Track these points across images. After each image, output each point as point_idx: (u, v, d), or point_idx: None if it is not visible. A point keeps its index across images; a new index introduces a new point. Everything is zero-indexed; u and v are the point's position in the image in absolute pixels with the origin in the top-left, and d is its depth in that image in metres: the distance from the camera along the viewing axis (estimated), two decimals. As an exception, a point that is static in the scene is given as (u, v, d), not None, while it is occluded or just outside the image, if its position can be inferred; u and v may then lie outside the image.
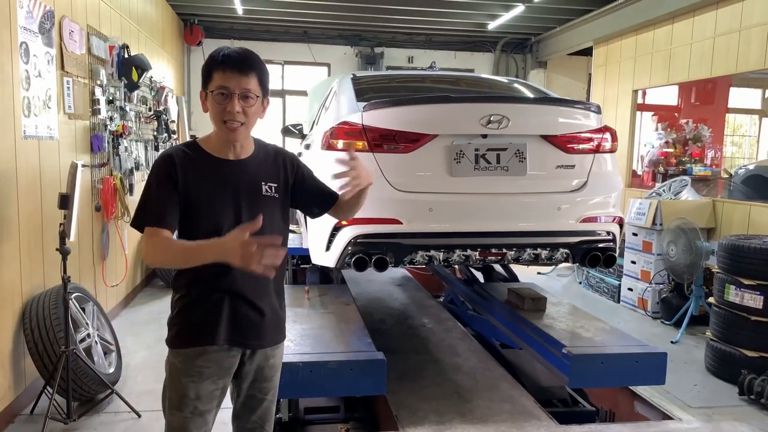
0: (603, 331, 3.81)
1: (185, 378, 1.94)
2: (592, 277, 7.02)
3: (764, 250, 4.15)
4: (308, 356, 3.19)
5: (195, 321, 1.94)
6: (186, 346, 1.94)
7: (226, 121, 1.87)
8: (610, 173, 3.54)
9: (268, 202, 1.99)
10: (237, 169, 1.97)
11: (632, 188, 7.32)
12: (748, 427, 3.54)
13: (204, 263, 1.77)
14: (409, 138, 3.23)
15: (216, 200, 1.91)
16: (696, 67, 6.15)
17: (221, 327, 1.94)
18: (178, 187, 1.88)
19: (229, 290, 1.93)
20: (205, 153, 1.96)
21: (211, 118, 1.92)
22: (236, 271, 1.85)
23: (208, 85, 1.89)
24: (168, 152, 1.96)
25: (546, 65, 10.01)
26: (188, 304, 1.94)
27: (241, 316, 1.97)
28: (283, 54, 9.77)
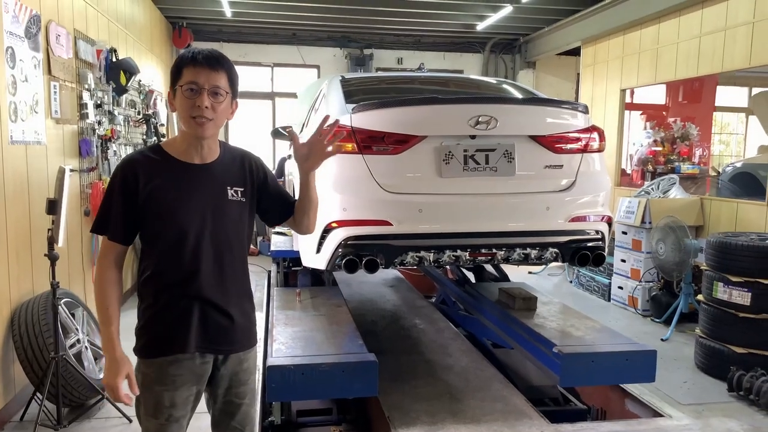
0: (593, 329, 3.83)
1: (159, 386, 1.94)
2: (583, 275, 7.05)
3: (751, 247, 4.19)
4: (300, 359, 3.19)
5: (164, 329, 1.93)
6: (157, 355, 1.94)
7: (195, 116, 1.85)
8: (598, 172, 3.56)
9: (234, 207, 1.98)
10: (203, 173, 1.95)
11: (621, 187, 7.36)
12: (738, 424, 3.57)
13: (101, 335, 1.90)
14: (398, 139, 3.24)
15: (181, 206, 1.89)
16: (683, 66, 6.20)
17: (191, 334, 1.93)
18: (139, 195, 1.86)
19: (197, 296, 1.93)
20: (169, 157, 1.93)
21: (178, 116, 1.91)
22: (203, 277, 1.91)
23: (177, 82, 1.88)
24: (129, 157, 1.94)
25: (535, 65, 10.05)
26: (157, 312, 1.93)
27: (211, 322, 1.96)
28: (272, 56, 9.76)
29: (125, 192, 1.86)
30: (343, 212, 3.18)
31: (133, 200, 1.86)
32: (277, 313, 4.13)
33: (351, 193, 3.22)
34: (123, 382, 1.87)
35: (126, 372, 1.88)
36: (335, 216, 3.20)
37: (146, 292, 1.95)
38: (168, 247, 1.89)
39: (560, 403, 4.10)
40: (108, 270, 1.90)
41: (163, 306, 1.92)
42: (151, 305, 1.94)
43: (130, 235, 1.92)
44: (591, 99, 7.95)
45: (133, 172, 1.87)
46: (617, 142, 7.42)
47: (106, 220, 1.89)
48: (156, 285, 1.92)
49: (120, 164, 1.92)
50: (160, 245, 1.89)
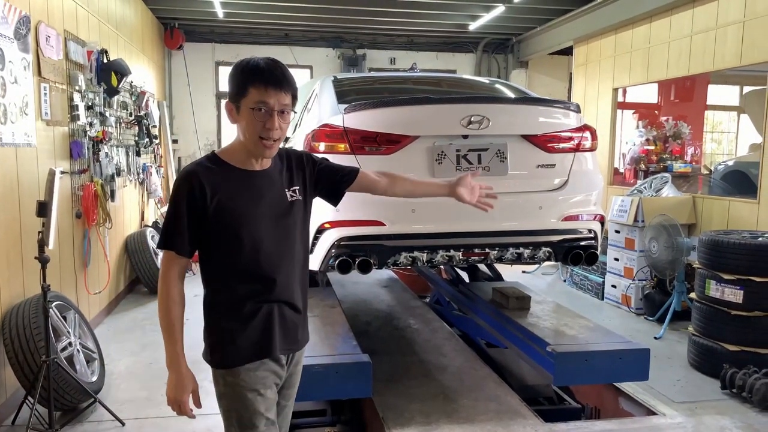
0: (587, 328, 3.84)
1: (251, 393, 1.92)
2: (576, 274, 7.07)
3: (743, 245, 4.21)
4: (293, 360, 3.18)
5: (251, 336, 1.92)
6: (246, 362, 1.92)
7: (263, 138, 1.84)
8: (590, 171, 3.57)
9: (295, 208, 2.00)
10: (264, 179, 1.95)
11: (614, 186, 7.38)
12: (731, 421, 3.58)
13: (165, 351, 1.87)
14: (391, 139, 3.24)
15: (252, 214, 1.89)
16: (674, 65, 6.22)
17: (276, 337, 1.95)
18: (208, 207, 1.84)
19: (277, 299, 1.95)
20: (229, 165, 1.91)
21: (242, 131, 1.87)
22: (280, 280, 1.93)
23: (243, 98, 1.83)
24: (191, 168, 1.89)
25: (527, 65, 10.07)
26: (240, 321, 1.91)
27: (289, 323, 1.99)
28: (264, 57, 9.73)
29: (192, 204, 1.83)
30: (335, 213, 3.16)
31: (200, 211, 1.84)
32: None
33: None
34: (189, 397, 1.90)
35: (192, 387, 1.90)
36: (328, 217, 3.19)
37: (221, 302, 1.93)
38: (245, 256, 1.88)
39: (554, 402, 4.11)
40: (174, 286, 1.87)
41: (246, 314, 1.91)
42: (231, 315, 1.91)
43: (194, 247, 1.90)
44: (583, 98, 7.97)
45: (199, 184, 1.83)
46: (610, 141, 7.44)
47: (174, 233, 1.85)
48: (234, 294, 1.91)
49: (182, 176, 1.87)
50: (235, 252, 1.88)
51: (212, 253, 1.91)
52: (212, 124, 9.76)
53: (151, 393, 4.00)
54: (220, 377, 1.93)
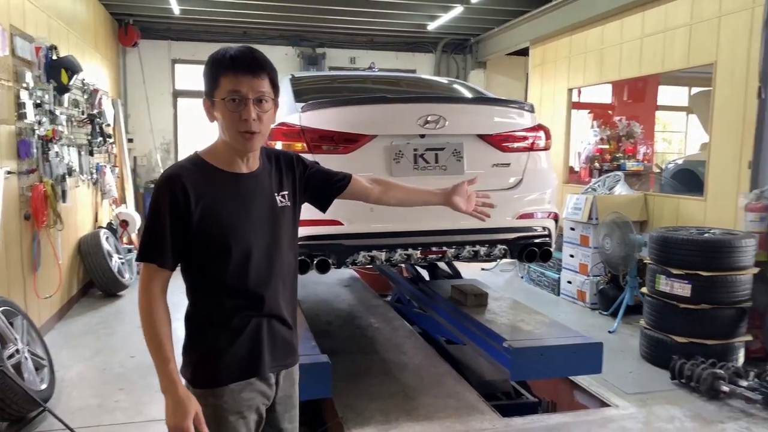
0: (542, 323, 3.92)
1: (234, 416, 1.77)
2: (533, 271, 7.20)
3: (691, 240, 4.36)
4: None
5: (237, 353, 1.76)
6: (232, 381, 1.76)
7: (242, 131, 1.69)
8: (544, 170, 3.64)
9: (285, 213, 1.86)
10: (252, 182, 1.80)
11: (570, 184, 7.54)
12: (680, 410, 3.71)
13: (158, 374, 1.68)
14: (348, 138, 3.24)
15: (241, 221, 1.74)
16: (626, 66, 6.39)
17: (265, 354, 1.80)
18: (192, 213, 1.68)
19: (266, 313, 1.81)
20: (215, 168, 1.76)
21: (222, 128, 1.73)
22: (270, 292, 1.80)
23: (215, 92, 1.71)
24: (172, 171, 1.72)
25: (485, 65, 10.19)
26: (225, 336, 1.76)
27: (278, 338, 1.85)
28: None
29: (174, 211, 1.67)
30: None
31: (184, 219, 1.68)
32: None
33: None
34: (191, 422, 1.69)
35: (194, 410, 1.69)
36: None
37: (205, 316, 1.78)
38: (233, 266, 1.73)
39: (512, 397, 4.19)
40: (158, 301, 1.69)
41: (233, 330, 1.76)
42: (217, 330, 1.76)
43: (178, 258, 1.73)
44: (540, 98, 8.12)
45: (182, 188, 1.68)
46: (565, 140, 7.60)
47: (155, 244, 1.69)
48: (221, 308, 1.76)
49: (162, 181, 1.71)
50: (222, 264, 1.73)
51: (196, 264, 1.75)
52: (169, 123, 9.57)
53: (104, 400, 3.91)
54: (201, 397, 1.74)
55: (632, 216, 5.74)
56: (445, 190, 2.16)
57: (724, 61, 4.99)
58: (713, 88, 5.17)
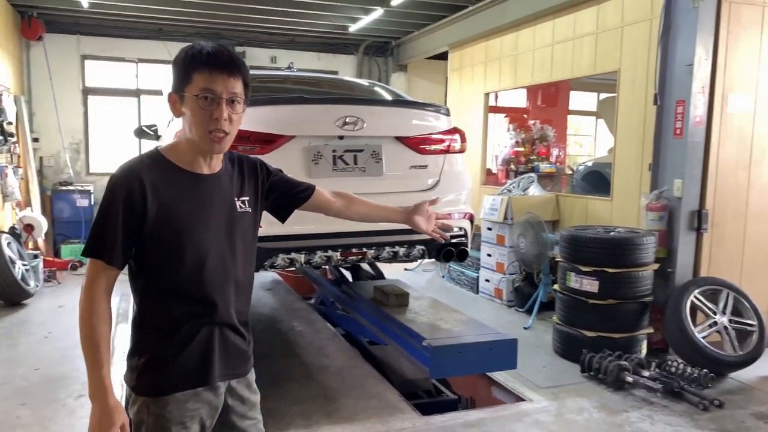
0: (460, 321, 4.01)
1: (176, 427, 1.68)
2: (454, 270, 7.36)
3: (598, 239, 4.59)
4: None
5: (186, 361, 1.69)
6: (178, 390, 1.68)
7: (212, 130, 1.63)
8: (460, 172, 3.74)
9: (244, 219, 1.80)
10: (213, 184, 1.74)
11: (488, 185, 7.77)
12: (589, 402, 3.90)
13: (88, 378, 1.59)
14: (265, 139, 3.20)
15: (197, 223, 1.68)
16: (539, 72, 6.66)
17: (215, 363, 1.73)
18: (148, 210, 1.61)
19: (218, 321, 1.73)
20: (175, 166, 1.69)
21: (188, 125, 1.66)
22: (223, 300, 1.73)
23: (186, 87, 1.63)
24: (130, 166, 1.66)
25: (407, 68, 10.33)
26: (173, 343, 1.68)
27: (231, 346, 1.78)
28: (136, 51, 9.21)
29: (129, 207, 1.60)
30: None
31: (138, 216, 1.61)
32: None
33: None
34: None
35: (121, 422, 1.61)
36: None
37: (154, 322, 1.69)
38: (186, 270, 1.66)
39: (433, 395, 4.26)
40: (100, 301, 1.60)
41: (182, 338, 1.68)
42: (165, 337, 1.68)
43: (128, 257, 1.65)
44: (458, 102, 8.32)
45: (140, 184, 1.61)
46: (482, 143, 7.82)
47: (104, 240, 1.60)
48: (170, 314, 1.68)
49: (119, 175, 1.64)
50: (174, 268, 1.65)
51: (147, 266, 1.67)
52: (79, 121, 9.07)
53: (4, 416, 3.65)
54: (144, 405, 1.68)
55: (545, 216, 5.99)
56: (407, 209, 2.17)
57: (626, 68, 5.30)
58: (617, 95, 5.48)
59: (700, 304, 4.46)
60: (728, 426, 3.57)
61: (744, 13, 4.63)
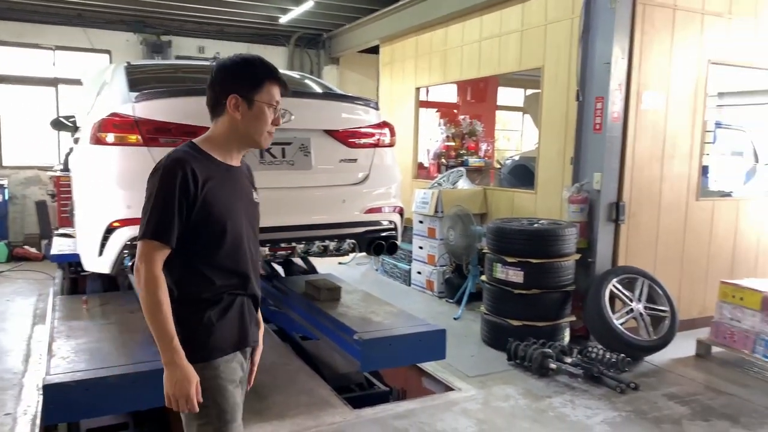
0: (391, 314, 4.05)
1: (231, 385, 1.91)
2: (387, 263, 7.41)
3: (522, 230, 4.74)
4: (82, 374, 2.93)
5: (230, 327, 1.92)
6: (224, 354, 1.90)
7: (270, 131, 1.94)
8: (390, 166, 3.76)
9: (257, 209, 2.07)
10: (239, 175, 2.00)
11: (419, 179, 7.84)
12: (514, 389, 4.02)
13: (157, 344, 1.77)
14: (188, 131, 3.09)
15: (234, 207, 1.92)
16: (467, 68, 6.78)
17: (249, 329, 1.99)
18: (198, 195, 1.81)
19: (249, 293, 1.99)
20: (212, 158, 1.90)
21: (247, 124, 1.89)
22: (252, 274, 1.98)
23: (256, 93, 1.88)
24: (180, 156, 1.83)
25: (339, 62, 10.28)
26: (219, 312, 1.90)
27: (254, 317, 2.04)
28: (54, 38, 8.70)
29: (184, 192, 1.78)
30: (127, 210, 2.96)
31: (191, 201, 1.80)
32: (59, 324, 3.75)
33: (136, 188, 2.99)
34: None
35: (196, 380, 1.80)
36: (119, 214, 2.98)
37: (198, 294, 1.88)
38: (227, 249, 1.89)
39: (365, 388, 4.28)
40: (162, 279, 1.78)
41: (224, 306, 1.91)
42: (210, 307, 1.88)
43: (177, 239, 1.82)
44: (390, 96, 8.36)
45: (192, 171, 1.79)
46: (414, 137, 7.89)
47: (164, 222, 1.77)
48: (213, 286, 1.89)
49: (173, 163, 1.80)
50: (218, 246, 1.88)
51: (192, 245, 1.85)
52: (-11, 110, 8.50)
53: None
54: (198, 371, 1.82)
55: (473, 209, 6.12)
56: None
57: (550, 65, 5.48)
58: (541, 91, 5.65)
59: (618, 293, 4.69)
60: (643, 407, 3.78)
61: (657, 15, 4.87)
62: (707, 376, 4.34)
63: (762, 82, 8.85)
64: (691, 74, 5.12)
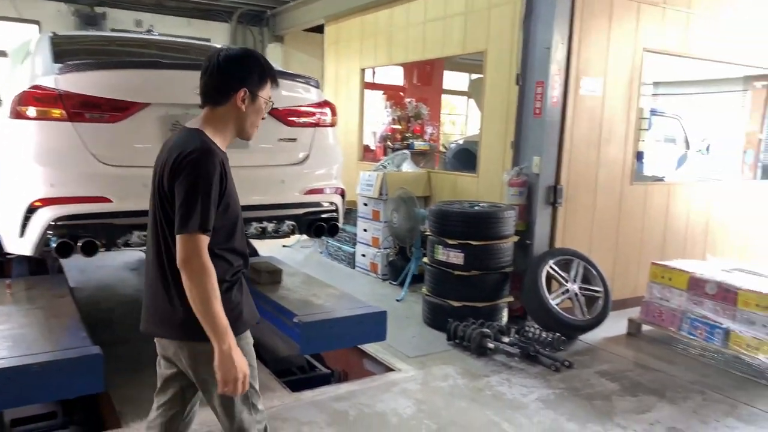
0: (332, 297, 4.02)
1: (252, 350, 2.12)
2: (331, 246, 7.37)
3: (462, 213, 4.79)
4: (4, 361, 2.77)
5: (248, 301, 2.10)
6: (248, 326, 2.09)
7: (258, 126, 2.08)
8: (331, 146, 3.70)
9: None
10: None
11: (365, 162, 7.79)
12: (453, 368, 4.08)
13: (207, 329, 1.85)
14: (117, 106, 2.98)
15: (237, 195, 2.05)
16: (412, 50, 6.75)
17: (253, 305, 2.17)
18: (224, 188, 1.92)
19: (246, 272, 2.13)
20: (220, 149, 1.99)
21: (244, 118, 2.00)
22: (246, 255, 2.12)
23: (260, 90, 2.01)
24: (211, 148, 1.91)
25: (283, 40, 10.06)
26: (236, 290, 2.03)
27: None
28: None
29: (220, 184, 1.89)
30: (50, 188, 2.82)
31: (222, 191, 1.92)
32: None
33: (60, 166, 2.87)
34: None
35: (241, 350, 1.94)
36: (40, 193, 2.83)
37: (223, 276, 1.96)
38: (237, 233, 2.04)
39: (306, 371, 4.25)
40: (213, 270, 1.86)
41: (240, 284, 2.06)
42: (232, 285, 2.01)
43: None
44: (335, 77, 8.25)
45: (221, 163, 1.91)
46: (359, 119, 7.82)
47: (209, 214, 1.86)
48: (231, 267, 2.01)
49: (208, 157, 1.87)
50: (234, 231, 2.02)
51: (215, 232, 1.93)
52: None
53: None
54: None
55: (417, 191, 6.14)
56: None
57: (493, 49, 5.51)
58: (484, 75, 5.69)
59: (555, 274, 4.81)
60: (576, 384, 3.90)
61: (596, 2, 4.96)
62: (637, 354, 4.52)
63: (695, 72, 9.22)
64: (627, 61, 5.26)
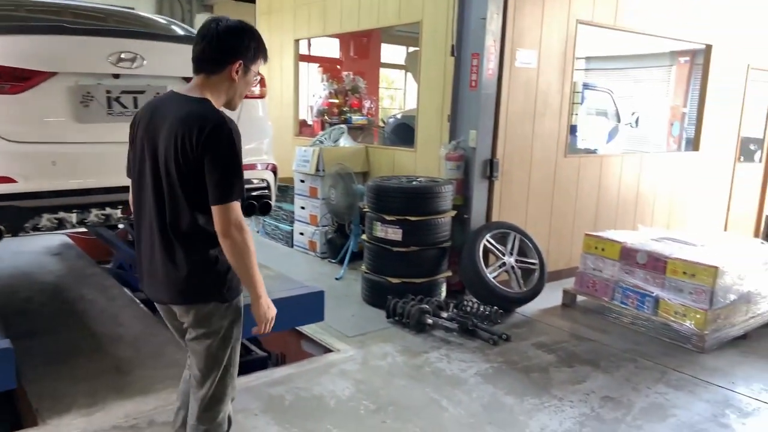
0: (268, 277, 3.84)
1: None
2: (268, 224, 7.16)
3: (400, 188, 4.71)
4: None
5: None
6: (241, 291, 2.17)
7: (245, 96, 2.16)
8: (261, 119, 3.52)
9: None
10: None
11: (301, 137, 7.59)
12: (392, 346, 4.03)
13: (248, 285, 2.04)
14: (18, 75, 2.70)
15: None
16: (347, 20, 6.55)
17: None
18: None
19: None
20: None
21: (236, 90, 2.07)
22: None
23: (254, 64, 2.08)
24: (228, 117, 1.96)
25: (212, 9, 9.63)
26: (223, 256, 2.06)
27: None
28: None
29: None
30: (-61, 168, 2.53)
31: None
32: None
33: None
34: None
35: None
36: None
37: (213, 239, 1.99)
38: None
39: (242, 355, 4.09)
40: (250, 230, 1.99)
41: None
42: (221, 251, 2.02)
43: None
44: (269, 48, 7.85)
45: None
46: (294, 92, 7.58)
47: (242, 182, 1.96)
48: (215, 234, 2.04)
49: (231, 126, 1.92)
50: None
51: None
52: None
53: None
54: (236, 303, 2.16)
55: (355, 167, 6.01)
56: None
57: (428, 20, 5.39)
58: (420, 47, 5.58)
59: (492, 247, 4.81)
60: (513, 357, 3.92)
61: (531, -28, 4.92)
62: (572, 324, 4.61)
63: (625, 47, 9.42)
64: (561, 33, 5.26)
